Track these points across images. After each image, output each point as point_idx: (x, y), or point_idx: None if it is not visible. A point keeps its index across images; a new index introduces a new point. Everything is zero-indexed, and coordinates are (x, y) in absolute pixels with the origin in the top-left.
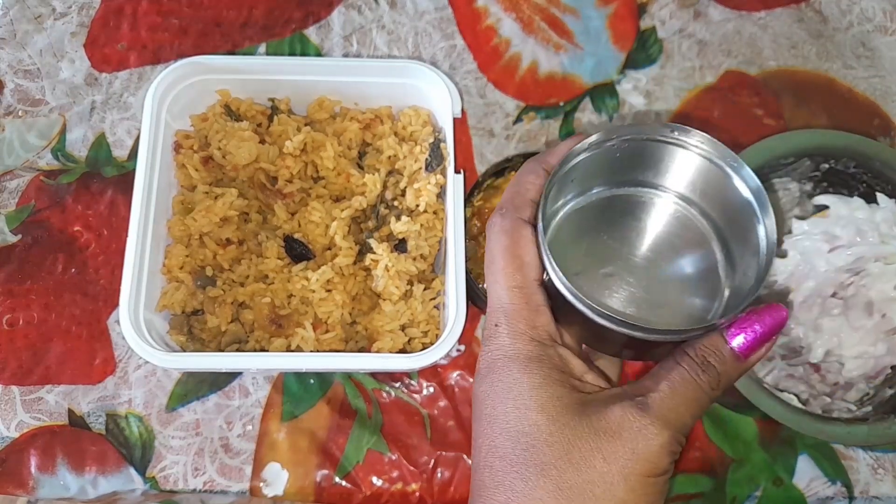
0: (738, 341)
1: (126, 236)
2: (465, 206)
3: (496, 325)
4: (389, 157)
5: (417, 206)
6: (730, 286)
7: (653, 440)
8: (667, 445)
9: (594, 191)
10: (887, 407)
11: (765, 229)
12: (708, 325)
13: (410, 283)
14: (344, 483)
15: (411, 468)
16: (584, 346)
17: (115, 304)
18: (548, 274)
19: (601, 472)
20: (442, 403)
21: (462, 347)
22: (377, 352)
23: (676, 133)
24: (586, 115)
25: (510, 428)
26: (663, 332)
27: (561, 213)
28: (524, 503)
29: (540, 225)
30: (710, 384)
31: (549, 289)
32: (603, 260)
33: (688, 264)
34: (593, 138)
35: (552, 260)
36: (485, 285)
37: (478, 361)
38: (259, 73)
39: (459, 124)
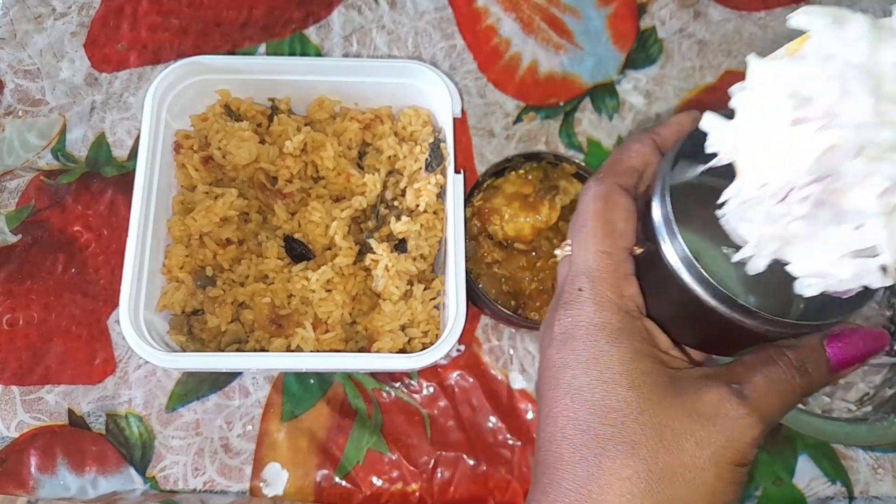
0: (836, 354)
1: (126, 236)
2: (465, 206)
3: (580, 290)
4: (389, 157)
5: (417, 206)
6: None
7: (748, 431)
8: (758, 439)
9: (690, 173)
10: (887, 407)
11: None
12: (826, 323)
13: (410, 283)
14: (344, 483)
15: (411, 468)
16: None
17: (115, 304)
18: (645, 245)
19: (693, 455)
20: (442, 403)
21: (462, 347)
22: (377, 352)
23: None
24: (586, 115)
25: (596, 402)
26: (781, 325)
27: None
28: (610, 482)
29: (663, 189)
30: (803, 389)
31: (641, 261)
32: None
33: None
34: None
35: (676, 226)
36: (564, 249)
37: (549, 325)
38: (259, 73)
39: (459, 124)
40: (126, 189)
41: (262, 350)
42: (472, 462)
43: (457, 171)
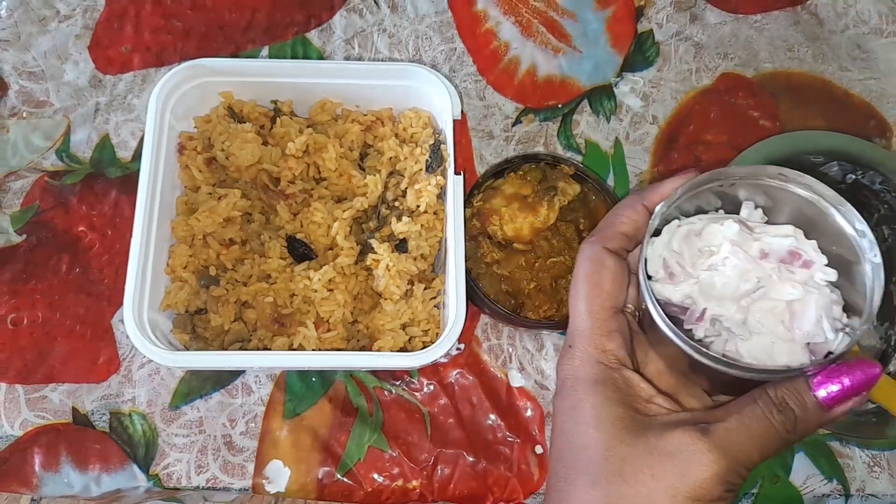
0: (822, 392)
1: (130, 236)
2: (464, 207)
3: (570, 347)
4: (390, 159)
5: (418, 206)
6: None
7: (706, 466)
8: (722, 474)
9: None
10: None
11: (869, 275)
12: (796, 370)
13: (411, 282)
14: (345, 480)
15: (412, 465)
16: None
17: (119, 304)
18: (644, 303)
19: (649, 487)
20: (442, 401)
21: (462, 346)
22: (378, 350)
23: (782, 175)
24: (584, 117)
25: (573, 441)
26: (750, 370)
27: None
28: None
29: (643, 260)
30: (786, 426)
31: (645, 318)
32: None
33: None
34: (698, 180)
35: (651, 291)
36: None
37: (557, 377)
38: (262, 75)
39: (459, 126)
40: (130, 190)
41: (265, 349)
42: (471, 459)
43: (457, 173)
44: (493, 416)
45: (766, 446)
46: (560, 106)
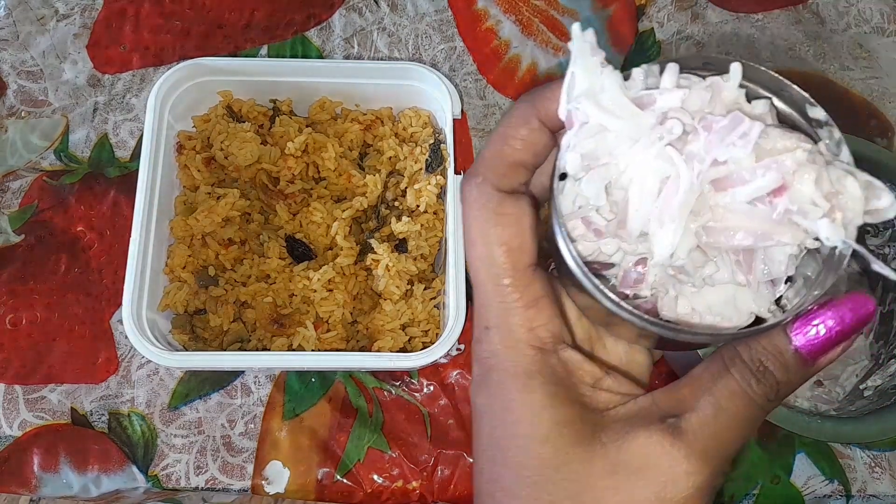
0: (802, 341)
1: (129, 236)
2: None
3: (486, 328)
4: (390, 158)
5: (418, 206)
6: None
7: (685, 480)
8: (705, 485)
9: None
10: (884, 399)
11: None
12: (767, 326)
13: (411, 282)
14: (345, 481)
15: (412, 466)
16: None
17: (118, 304)
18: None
19: None
20: (442, 402)
21: (462, 346)
22: (378, 351)
23: (715, 68)
24: None
25: (510, 459)
26: (712, 335)
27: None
28: None
29: (557, 197)
30: (766, 395)
31: (557, 257)
32: None
33: None
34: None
35: (570, 243)
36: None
37: (472, 360)
38: (261, 74)
39: (459, 125)
40: (129, 189)
41: (264, 349)
42: (471, 460)
43: (457, 172)
44: None
45: (747, 429)
46: None
